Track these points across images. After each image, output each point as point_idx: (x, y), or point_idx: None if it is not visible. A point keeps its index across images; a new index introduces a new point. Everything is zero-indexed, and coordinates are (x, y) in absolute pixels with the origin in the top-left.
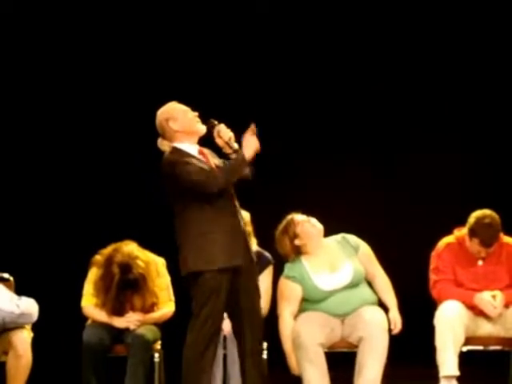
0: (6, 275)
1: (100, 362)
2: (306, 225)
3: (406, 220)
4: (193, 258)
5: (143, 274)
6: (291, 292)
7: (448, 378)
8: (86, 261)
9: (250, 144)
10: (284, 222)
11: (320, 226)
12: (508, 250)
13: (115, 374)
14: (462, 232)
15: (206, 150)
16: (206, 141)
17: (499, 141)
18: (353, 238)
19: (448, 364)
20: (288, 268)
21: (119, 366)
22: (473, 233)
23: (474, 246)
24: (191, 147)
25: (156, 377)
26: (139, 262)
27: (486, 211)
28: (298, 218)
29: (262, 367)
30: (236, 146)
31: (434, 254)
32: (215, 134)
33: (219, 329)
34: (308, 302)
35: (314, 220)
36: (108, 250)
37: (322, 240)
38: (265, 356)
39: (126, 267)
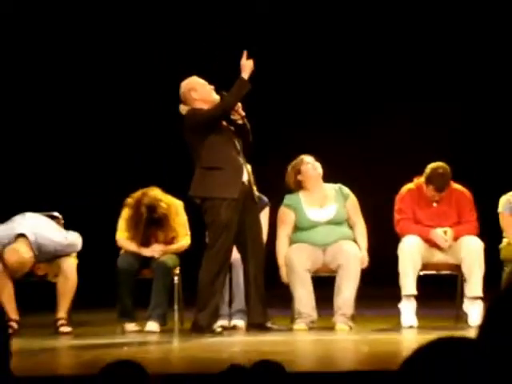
0: (56, 214)
1: (131, 283)
2: (309, 166)
3: (379, 171)
4: (198, 185)
5: (165, 213)
6: (287, 217)
7: (408, 296)
8: (120, 202)
9: (246, 67)
10: (296, 159)
11: (320, 171)
12: (456, 195)
13: (143, 293)
14: (420, 180)
15: None
16: None
17: (455, 108)
18: (346, 190)
19: (408, 285)
20: (287, 198)
21: (146, 286)
22: (429, 180)
23: (429, 191)
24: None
25: (176, 295)
26: (162, 204)
27: (440, 163)
28: (307, 159)
29: (262, 291)
30: (243, 112)
31: (397, 197)
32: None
33: (229, 258)
34: (298, 230)
35: (317, 164)
36: (137, 194)
37: (320, 182)
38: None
39: (152, 208)
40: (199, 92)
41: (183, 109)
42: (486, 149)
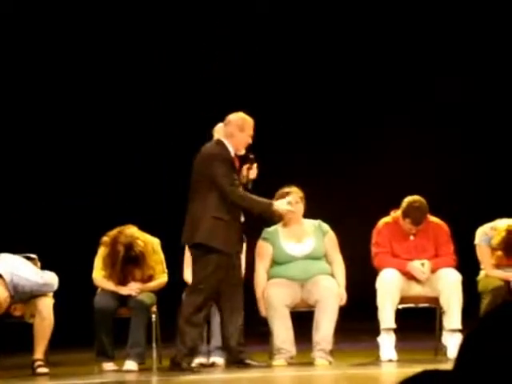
0: (32, 255)
1: (108, 322)
2: (294, 204)
3: (357, 204)
4: (205, 233)
5: (142, 251)
6: (264, 250)
7: (387, 329)
8: (96, 241)
9: (285, 210)
10: (283, 189)
11: (299, 209)
12: (433, 228)
13: (121, 332)
14: (396, 213)
15: (236, 158)
16: None
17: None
18: (325, 226)
19: (386, 319)
20: (264, 232)
21: (124, 325)
22: (405, 214)
23: (406, 224)
24: (232, 151)
25: (153, 333)
26: (139, 242)
27: (416, 197)
28: (294, 196)
29: (239, 327)
30: (250, 186)
31: (374, 231)
32: (248, 165)
33: (211, 298)
34: (275, 265)
35: (299, 205)
36: (114, 232)
37: (298, 219)
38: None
39: (129, 246)
40: (242, 136)
41: (218, 131)
42: (462, 182)
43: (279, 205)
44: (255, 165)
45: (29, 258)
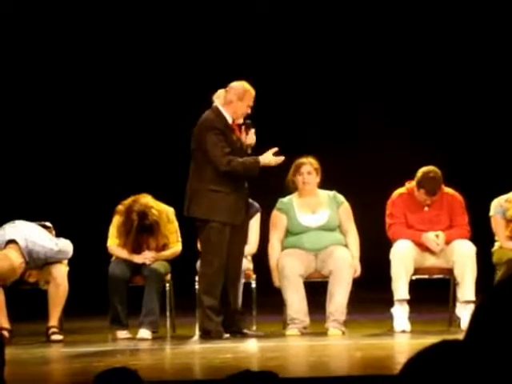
0: (47, 223)
1: (122, 291)
2: (300, 178)
3: (373, 177)
4: (204, 208)
5: (157, 220)
6: (279, 221)
7: (400, 301)
8: (111, 210)
9: (272, 161)
10: (301, 159)
11: (312, 181)
12: (448, 199)
13: (135, 300)
14: (411, 184)
15: (235, 125)
16: None
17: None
18: (340, 197)
19: (400, 290)
20: (279, 202)
21: (138, 293)
22: (420, 185)
23: (421, 195)
24: (229, 118)
25: (167, 301)
26: (154, 211)
27: (431, 167)
28: (305, 168)
29: (238, 297)
30: (249, 151)
31: (389, 202)
32: (245, 131)
33: (223, 267)
34: (289, 235)
35: (311, 177)
36: (128, 201)
37: (313, 190)
38: (254, 285)
39: (143, 215)
40: (240, 105)
41: (220, 96)
42: (478, 153)
43: (266, 158)
44: (252, 130)
45: (44, 226)
